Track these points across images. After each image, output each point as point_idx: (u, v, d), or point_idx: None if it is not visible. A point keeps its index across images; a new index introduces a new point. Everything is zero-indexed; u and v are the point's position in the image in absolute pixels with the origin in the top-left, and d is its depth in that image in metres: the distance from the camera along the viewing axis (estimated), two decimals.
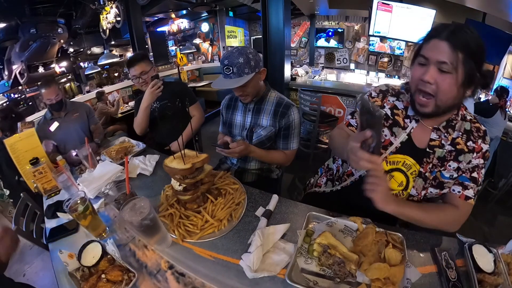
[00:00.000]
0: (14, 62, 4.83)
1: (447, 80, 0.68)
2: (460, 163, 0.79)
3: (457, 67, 0.66)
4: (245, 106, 1.31)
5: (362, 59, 6.35)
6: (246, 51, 1.12)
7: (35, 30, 4.48)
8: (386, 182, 0.73)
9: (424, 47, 0.72)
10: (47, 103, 1.76)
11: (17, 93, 4.75)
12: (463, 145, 0.79)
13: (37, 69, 5.09)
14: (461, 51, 0.65)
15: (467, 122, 0.81)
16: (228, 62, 1.09)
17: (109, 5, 4.03)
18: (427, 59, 0.70)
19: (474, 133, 0.80)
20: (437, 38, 0.68)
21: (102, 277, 0.71)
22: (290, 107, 1.24)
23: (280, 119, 1.24)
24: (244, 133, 1.32)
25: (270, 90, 1.31)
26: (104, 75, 5.76)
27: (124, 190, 0.92)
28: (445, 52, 0.66)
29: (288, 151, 1.30)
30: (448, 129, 0.80)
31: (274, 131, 1.26)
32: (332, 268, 0.70)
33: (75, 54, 6.21)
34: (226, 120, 1.41)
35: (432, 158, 0.81)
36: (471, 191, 0.79)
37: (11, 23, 4.35)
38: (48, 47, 4.89)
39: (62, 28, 4.88)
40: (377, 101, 0.92)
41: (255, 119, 1.29)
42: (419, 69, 0.72)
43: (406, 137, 0.85)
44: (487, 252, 0.71)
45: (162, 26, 6.83)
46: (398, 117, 0.87)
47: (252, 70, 1.11)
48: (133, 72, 1.64)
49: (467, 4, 3.31)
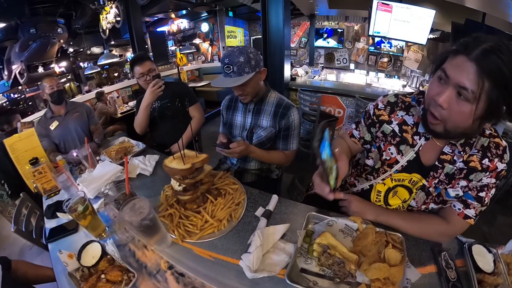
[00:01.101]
0: (13, 62, 4.83)
1: (463, 108, 0.59)
2: (470, 182, 0.73)
3: (479, 98, 0.56)
4: (245, 106, 1.31)
5: (362, 59, 6.35)
6: (247, 50, 1.11)
7: (34, 30, 4.47)
8: (355, 199, 0.86)
9: (449, 61, 0.61)
10: (48, 91, 1.77)
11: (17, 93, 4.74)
12: (477, 162, 0.70)
13: (37, 69, 5.08)
14: (489, 79, 0.54)
15: (485, 137, 0.72)
16: (229, 61, 1.08)
17: (109, 5, 4.03)
18: (448, 77, 0.60)
19: (492, 149, 0.70)
20: (465, 55, 0.57)
21: (102, 277, 0.71)
22: (290, 108, 1.24)
23: (280, 120, 1.24)
24: (244, 134, 1.32)
25: (270, 91, 1.31)
26: (103, 75, 5.76)
27: (124, 190, 0.92)
28: (469, 77, 0.56)
29: (287, 152, 1.30)
30: (465, 147, 0.72)
31: (274, 132, 1.27)
32: (332, 268, 0.70)
33: (74, 54, 6.20)
34: (226, 121, 1.41)
35: (439, 173, 0.76)
36: (472, 210, 0.74)
37: (10, 23, 4.34)
38: (47, 47, 4.88)
39: (62, 28, 4.87)
40: (384, 115, 0.85)
41: (255, 120, 1.29)
42: (436, 86, 0.64)
43: (414, 155, 0.79)
44: (486, 252, 0.71)
45: (162, 26, 6.83)
46: (406, 134, 0.80)
47: (253, 69, 1.11)
48: (141, 69, 1.65)
49: (466, 4, 3.31)
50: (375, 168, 0.88)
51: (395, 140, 0.82)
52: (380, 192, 0.89)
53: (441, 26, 4.13)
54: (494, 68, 0.54)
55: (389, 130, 0.84)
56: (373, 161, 0.90)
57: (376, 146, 0.89)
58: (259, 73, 1.16)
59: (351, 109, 3.18)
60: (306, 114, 2.99)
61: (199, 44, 7.03)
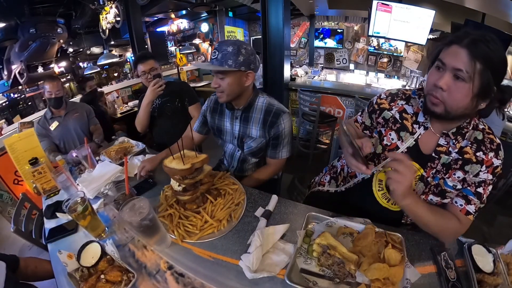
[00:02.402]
0: (13, 62, 4.82)
1: (461, 88, 0.66)
2: (466, 174, 0.76)
3: (473, 77, 0.64)
4: (232, 113, 1.23)
5: (362, 59, 6.35)
6: (242, 45, 1.03)
7: (34, 30, 4.47)
8: (412, 176, 0.70)
9: (444, 51, 0.70)
10: (47, 96, 1.77)
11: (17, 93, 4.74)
12: (472, 154, 0.76)
13: (37, 69, 5.08)
14: (480, 61, 0.63)
15: (478, 131, 0.77)
16: (218, 47, 1.04)
17: (108, 5, 4.03)
18: (444, 64, 0.68)
19: (487, 143, 0.76)
20: (457, 44, 0.66)
21: (101, 278, 0.71)
22: (280, 115, 1.15)
23: (269, 128, 1.16)
24: (235, 142, 1.28)
25: (259, 95, 1.20)
26: (103, 75, 5.76)
27: (124, 191, 0.92)
28: (463, 60, 0.64)
29: (275, 160, 1.24)
30: (457, 136, 0.77)
31: (264, 142, 1.21)
32: (331, 268, 0.70)
33: (74, 54, 6.20)
34: (212, 124, 1.34)
35: (436, 163, 0.80)
36: (473, 207, 0.77)
37: (10, 23, 4.34)
38: (47, 47, 4.88)
39: (62, 28, 4.87)
40: (384, 103, 0.92)
41: (243, 129, 1.22)
42: (435, 74, 0.71)
43: (413, 142, 0.84)
44: (486, 252, 0.71)
45: (162, 26, 6.82)
46: (406, 122, 0.86)
47: (237, 65, 1.02)
48: (143, 68, 1.69)
49: (466, 4, 3.31)
50: (376, 153, 0.91)
51: (396, 126, 0.87)
52: (382, 181, 0.91)
53: (441, 27, 4.13)
54: (484, 52, 0.63)
55: (390, 115, 0.90)
56: (374, 147, 0.92)
57: (377, 131, 0.93)
58: (244, 74, 1.07)
59: (351, 109, 3.18)
60: (305, 114, 3.00)
61: (199, 44, 7.02)
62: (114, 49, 6.69)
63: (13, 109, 4.22)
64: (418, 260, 0.73)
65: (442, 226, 0.78)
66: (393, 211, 0.91)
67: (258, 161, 1.32)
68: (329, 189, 1.11)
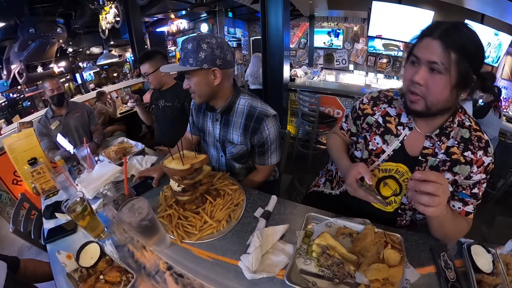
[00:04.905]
0: (13, 62, 4.82)
1: (438, 81, 0.64)
2: (456, 176, 0.75)
3: (450, 68, 0.62)
4: (212, 115, 1.15)
5: (361, 60, 6.36)
6: (204, 39, 0.91)
7: (34, 30, 4.47)
8: (448, 191, 0.61)
9: (417, 46, 0.68)
10: (49, 94, 1.78)
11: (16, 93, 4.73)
12: (459, 155, 0.74)
13: (36, 69, 5.08)
14: (454, 51, 0.61)
15: (465, 129, 0.75)
16: (181, 45, 0.96)
17: (108, 5, 4.03)
18: (418, 58, 0.67)
19: (474, 142, 0.73)
20: (429, 37, 0.65)
21: (101, 278, 0.71)
22: (263, 119, 1.04)
23: (252, 135, 1.07)
24: (217, 144, 1.21)
25: (239, 96, 1.09)
26: (103, 75, 5.76)
27: (123, 191, 0.91)
28: (437, 52, 0.62)
29: (264, 166, 1.18)
30: (441, 137, 0.76)
31: (246, 149, 1.12)
32: (331, 269, 0.70)
33: (74, 54, 6.20)
34: (197, 123, 1.27)
35: (424, 166, 0.79)
36: (471, 206, 0.77)
37: (10, 23, 4.34)
38: (47, 47, 4.88)
39: (61, 28, 4.88)
40: (367, 109, 0.91)
41: (224, 133, 1.13)
42: (411, 69, 0.69)
43: (399, 144, 0.83)
44: (485, 253, 0.71)
45: (162, 27, 6.83)
46: (390, 125, 0.85)
47: (199, 63, 0.92)
48: (142, 69, 1.73)
49: (465, 5, 3.33)
50: (363, 159, 0.91)
51: (380, 130, 0.87)
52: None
53: None
54: (458, 41, 0.61)
55: (373, 120, 0.89)
56: (361, 152, 0.92)
57: (362, 136, 0.93)
58: (209, 72, 0.95)
59: (350, 110, 3.19)
60: (305, 115, 3.00)
61: None
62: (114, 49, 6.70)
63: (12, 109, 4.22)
64: (418, 261, 0.73)
65: (456, 230, 0.76)
66: (387, 212, 0.91)
67: (248, 165, 1.26)
68: (324, 190, 1.11)
